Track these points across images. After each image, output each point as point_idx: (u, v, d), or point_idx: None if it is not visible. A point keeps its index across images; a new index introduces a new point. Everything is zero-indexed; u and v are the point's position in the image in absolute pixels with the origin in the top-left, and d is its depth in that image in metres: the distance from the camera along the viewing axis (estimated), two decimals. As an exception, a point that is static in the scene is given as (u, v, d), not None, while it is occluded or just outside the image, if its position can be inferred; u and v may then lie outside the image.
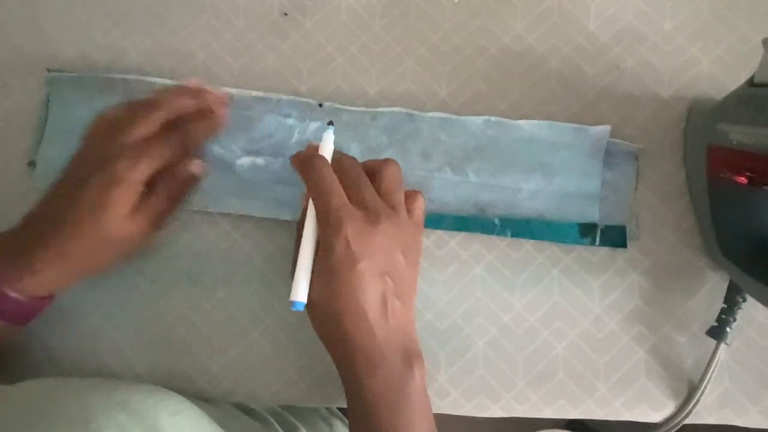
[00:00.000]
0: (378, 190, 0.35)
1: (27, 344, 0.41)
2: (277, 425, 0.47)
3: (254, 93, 0.42)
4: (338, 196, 0.34)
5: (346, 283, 0.33)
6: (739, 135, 0.34)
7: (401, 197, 0.36)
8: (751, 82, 0.33)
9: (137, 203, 0.36)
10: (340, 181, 0.35)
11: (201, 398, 0.40)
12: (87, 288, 0.41)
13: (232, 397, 0.40)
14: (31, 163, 0.43)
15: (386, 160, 0.37)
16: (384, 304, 0.33)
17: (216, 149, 0.42)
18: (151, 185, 0.36)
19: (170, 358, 0.40)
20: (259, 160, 0.42)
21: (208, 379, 0.40)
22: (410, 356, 0.34)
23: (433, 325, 0.40)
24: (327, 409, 0.55)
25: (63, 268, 0.36)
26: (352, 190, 0.35)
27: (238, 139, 0.42)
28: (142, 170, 0.35)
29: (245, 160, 0.42)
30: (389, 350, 0.33)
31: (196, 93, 0.39)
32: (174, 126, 0.38)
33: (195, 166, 0.38)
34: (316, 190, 0.34)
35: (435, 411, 0.40)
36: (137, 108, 0.37)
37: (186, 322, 0.41)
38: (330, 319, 0.33)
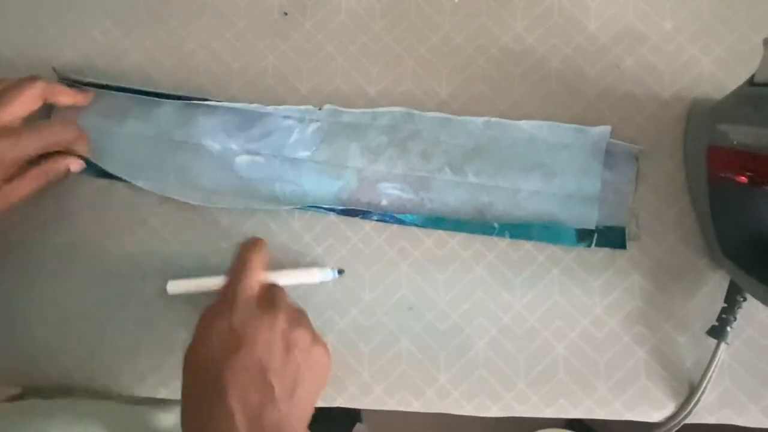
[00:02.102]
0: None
1: (29, 344, 0.41)
2: None
3: (252, 106, 0.42)
4: (247, 281, 0.34)
5: (217, 372, 0.31)
6: (740, 135, 0.34)
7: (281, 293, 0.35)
8: (751, 82, 0.33)
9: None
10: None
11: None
12: (87, 288, 0.41)
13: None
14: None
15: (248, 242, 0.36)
16: (258, 403, 0.31)
17: (215, 147, 0.42)
18: (21, 169, 0.37)
19: (170, 358, 0.40)
20: (258, 159, 0.42)
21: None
22: None
23: (434, 325, 0.40)
24: None
25: None
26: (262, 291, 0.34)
27: (236, 138, 0.42)
28: (13, 153, 0.36)
29: (244, 158, 0.42)
30: None
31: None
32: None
33: (75, 164, 0.40)
34: (236, 265, 0.35)
35: (435, 411, 0.40)
36: (13, 89, 0.38)
37: (187, 322, 0.41)
38: (192, 413, 0.32)
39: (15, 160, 0.37)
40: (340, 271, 0.40)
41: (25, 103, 0.38)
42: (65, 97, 0.40)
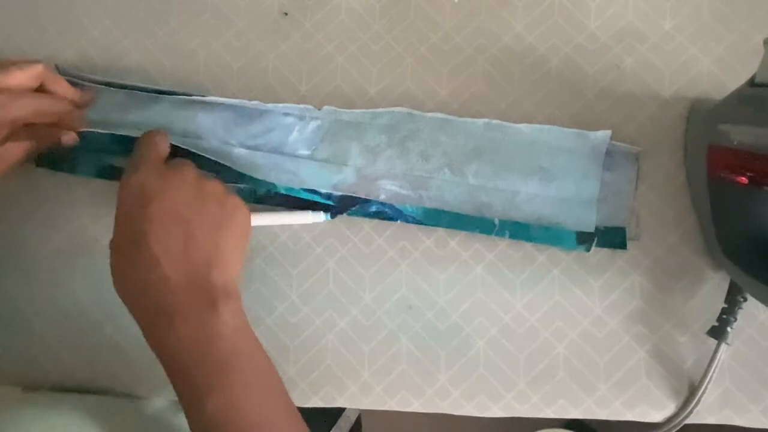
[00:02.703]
0: None
1: (29, 344, 0.41)
2: None
3: (252, 103, 0.42)
4: (147, 149, 0.35)
5: (135, 228, 0.32)
6: (740, 135, 0.34)
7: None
8: (751, 82, 0.33)
9: None
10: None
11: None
12: (88, 288, 0.41)
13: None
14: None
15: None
16: (181, 243, 0.32)
17: (214, 143, 0.42)
18: (14, 132, 0.38)
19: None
20: (258, 154, 0.42)
21: (208, 379, 0.40)
22: (213, 300, 0.32)
23: (434, 324, 0.40)
24: None
25: None
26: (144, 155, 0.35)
27: (236, 135, 0.42)
28: (10, 113, 0.37)
29: (242, 151, 0.42)
30: (187, 296, 0.31)
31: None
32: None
33: (67, 137, 0.40)
34: (139, 145, 0.36)
35: (436, 411, 0.40)
36: (14, 60, 0.38)
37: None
38: (122, 270, 0.33)
39: (8, 121, 0.37)
40: (333, 215, 0.41)
41: (23, 77, 0.38)
42: (61, 87, 0.41)
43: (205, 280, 0.32)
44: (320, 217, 0.41)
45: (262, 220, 0.40)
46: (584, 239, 0.40)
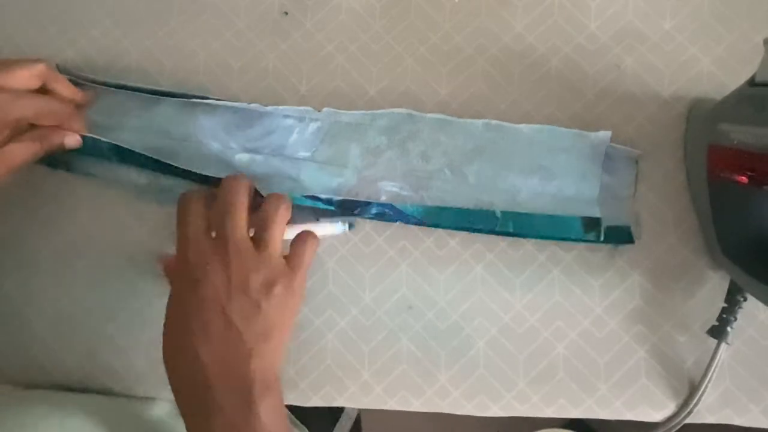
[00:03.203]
0: (253, 222, 0.36)
1: (29, 344, 0.41)
2: None
3: (252, 106, 0.42)
4: (194, 220, 0.35)
5: (185, 308, 0.33)
6: (740, 134, 0.34)
7: (273, 233, 0.36)
8: (751, 82, 0.33)
9: None
10: (215, 206, 0.35)
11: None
12: (88, 288, 0.41)
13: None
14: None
15: (271, 194, 0.37)
16: (222, 335, 0.33)
17: (214, 146, 0.42)
18: (17, 134, 0.37)
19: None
20: (258, 158, 0.42)
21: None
22: (251, 392, 0.32)
23: (434, 324, 0.40)
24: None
25: None
26: (215, 217, 0.35)
27: (236, 138, 0.42)
28: (12, 113, 0.36)
29: (243, 156, 0.42)
30: (224, 391, 0.32)
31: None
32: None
33: (71, 139, 0.39)
34: (179, 213, 0.36)
35: (436, 411, 0.40)
36: (16, 60, 0.38)
37: (186, 322, 0.41)
38: (170, 355, 0.34)
39: (10, 121, 0.37)
40: (351, 226, 0.40)
41: (25, 77, 0.38)
42: (63, 86, 0.40)
43: (245, 374, 0.32)
44: (338, 228, 0.40)
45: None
46: (590, 226, 0.40)
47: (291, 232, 0.39)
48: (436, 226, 0.41)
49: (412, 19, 0.44)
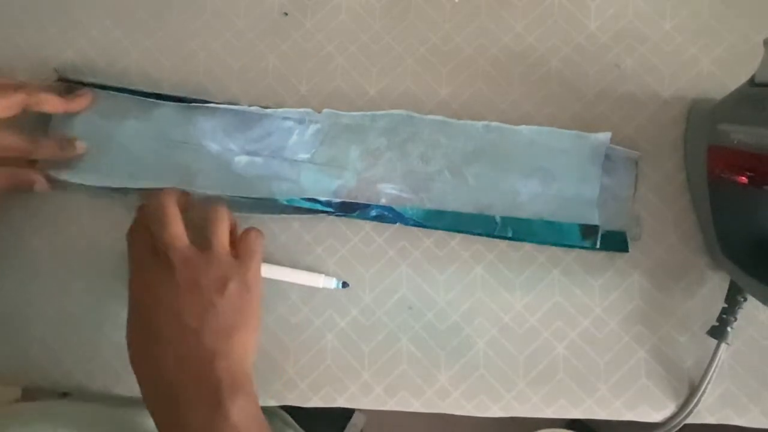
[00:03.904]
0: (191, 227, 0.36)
1: (29, 344, 0.41)
2: None
3: (251, 109, 0.42)
4: (137, 246, 0.36)
5: (143, 338, 0.34)
6: (740, 135, 0.34)
7: (215, 231, 0.36)
8: (752, 82, 0.33)
9: None
10: (150, 225, 0.36)
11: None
12: (88, 288, 0.41)
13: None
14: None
15: (205, 198, 0.38)
16: (182, 345, 0.33)
17: (214, 148, 0.42)
18: None
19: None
20: (257, 159, 0.42)
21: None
22: (218, 394, 0.32)
23: (434, 325, 0.40)
24: (281, 420, 0.54)
25: None
26: (155, 237, 0.35)
27: (236, 140, 0.42)
28: None
29: (242, 158, 0.42)
30: (191, 396, 0.32)
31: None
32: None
33: (40, 183, 0.40)
34: (128, 246, 0.37)
35: (436, 411, 0.40)
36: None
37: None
38: (140, 379, 0.34)
39: None
40: (344, 284, 0.40)
41: (2, 106, 0.37)
42: (51, 105, 0.40)
43: (209, 375, 0.32)
44: (331, 283, 0.40)
45: (271, 273, 0.40)
46: (588, 233, 0.40)
47: (283, 273, 0.40)
48: (435, 229, 0.41)
49: (412, 19, 0.44)
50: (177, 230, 0.35)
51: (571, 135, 0.41)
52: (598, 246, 0.40)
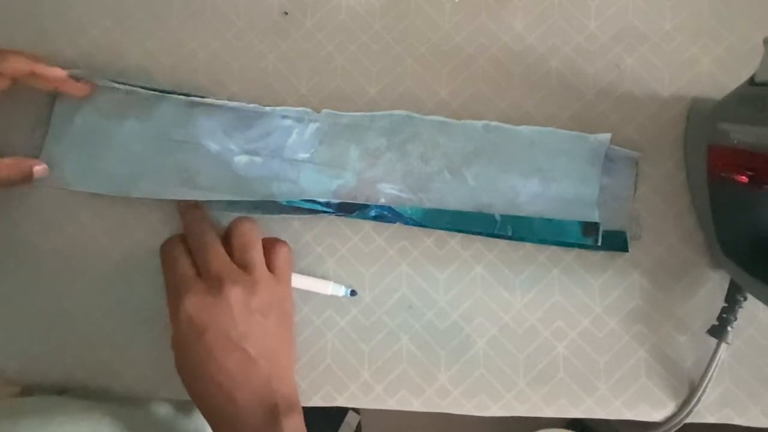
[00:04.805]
0: (231, 249, 0.36)
1: (29, 344, 0.41)
2: None
3: (251, 107, 0.42)
4: (181, 266, 0.35)
5: (195, 356, 0.34)
6: (740, 134, 0.34)
7: (255, 254, 0.37)
8: (751, 82, 0.33)
9: None
10: (190, 246, 0.36)
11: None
12: (88, 288, 0.41)
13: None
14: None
15: (237, 218, 0.38)
16: (242, 370, 0.34)
17: (214, 147, 0.42)
18: None
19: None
20: (257, 159, 0.42)
21: (208, 379, 0.40)
22: (275, 415, 0.33)
23: (434, 324, 0.40)
24: None
25: None
26: (198, 258, 0.36)
27: (235, 139, 0.42)
28: None
29: (242, 158, 0.42)
30: (252, 414, 0.33)
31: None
32: None
33: (40, 170, 0.40)
34: (163, 263, 0.37)
35: (436, 410, 0.40)
36: None
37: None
38: (193, 390, 0.35)
39: None
40: (353, 293, 0.40)
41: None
42: (52, 74, 0.39)
43: (267, 397, 0.34)
44: (340, 291, 0.40)
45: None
46: (589, 231, 0.40)
47: (292, 278, 0.40)
48: (435, 228, 0.41)
49: (412, 19, 0.44)
50: (221, 253, 0.36)
51: (571, 136, 0.41)
52: (599, 243, 0.40)
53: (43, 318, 0.41)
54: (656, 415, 0.39)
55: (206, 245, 0.36)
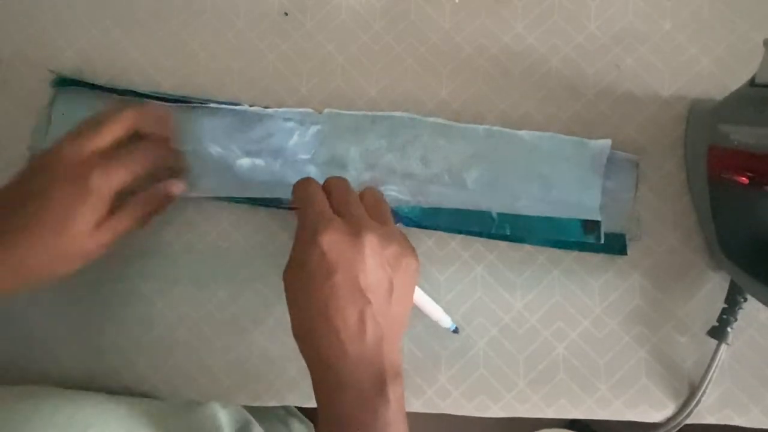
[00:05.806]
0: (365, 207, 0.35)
1: (29, 344, 0.41)
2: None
3: (252, 109, 0.42)
4: (319, 203, 0.34)
5: (318, 295, 0.32)
6: (740, 135, 0.34)
7: (386, 211, 0.36)
8: (751, 82, 0.33)
9: (104, 217, 0.34)
10: (327, 194, 0.35)
11: (211, 398, 0.40)
12: (88, 288, 0.41)
13: (234, 398, 0.40)
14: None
15: (367, 187, 0.37)
16: (361, 322, 0.32)
17: (215, 150, 0.42)
18: (120, 197, 0.35)
19: (171, 357, 0.40)
20: (259, 161, 0.42)
21: (209, 378, 0.40)
22: (383, 380, 0.32)
23: (434, 324, 0.40)
24: (284, 409, 0.54)
25: (10, 272, 0.34)
26: (338, 201, 0.34)
27: (237, 141, 0.42)
28: (114, 181, 0.34)
29: (245, 161, 0.42)
30: (361, 372, 0.32)
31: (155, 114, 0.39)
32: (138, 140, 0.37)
33: (176, 187, 0.38)
34: (298, 199, 0.35)
35: (436, 411, 0.40)
36: (102, 116, 0.36)
37: (187, 321, 0.41)
38: (302, 331, 0.33)
39: (111, 192, 0.34)
40: (455, 330, 0.40)
41: (116, 131, 0.36)
42: (156, 121, 0.38)
43: (377, 359, 0.32)
44: (447, 323, 0.39)
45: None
46: (590, 228, 0.40)
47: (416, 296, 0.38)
48: (433, 228, 0.41)
49: (412, 19, 0.44)
50: (360, 203, 0.35)
51: (572, 141, 0.41)
52: (602, 240, 0.39)
53: (43, 318, 0.41)
54: (656, 416, 0.39)
55: (349, 193, 0.35)
